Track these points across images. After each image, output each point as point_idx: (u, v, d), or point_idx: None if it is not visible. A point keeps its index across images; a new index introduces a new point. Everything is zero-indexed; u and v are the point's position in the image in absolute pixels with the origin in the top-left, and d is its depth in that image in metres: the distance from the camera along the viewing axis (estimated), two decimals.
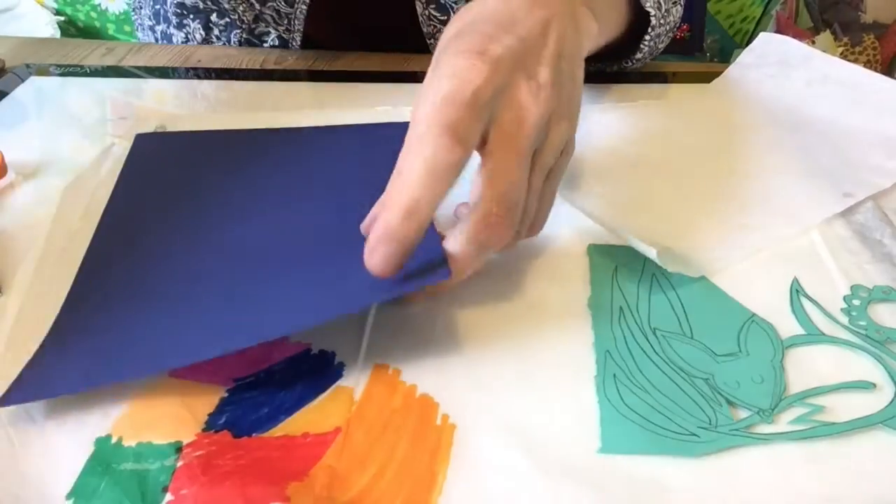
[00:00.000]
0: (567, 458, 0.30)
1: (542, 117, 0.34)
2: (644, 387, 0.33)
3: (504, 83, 0.33)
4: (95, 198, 0.44)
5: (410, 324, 0.36)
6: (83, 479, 0.28)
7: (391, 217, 0.30)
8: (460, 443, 0.30)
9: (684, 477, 0.29)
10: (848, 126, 0.53)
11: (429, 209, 0.31)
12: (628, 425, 0.31)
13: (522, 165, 0.33)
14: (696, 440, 0.30)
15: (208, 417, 0.31)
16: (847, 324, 0.36)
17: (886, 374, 0.34)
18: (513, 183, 0.33)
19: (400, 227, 0.30)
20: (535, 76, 0.35)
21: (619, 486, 0.29)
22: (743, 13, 0.98)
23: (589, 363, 0.34)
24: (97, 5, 0.78)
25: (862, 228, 0.43)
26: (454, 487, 0.28)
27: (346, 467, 0.29)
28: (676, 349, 0.35)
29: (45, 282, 0.37)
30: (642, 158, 0.50)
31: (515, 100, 0.34)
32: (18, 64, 0.58)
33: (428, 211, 0.31)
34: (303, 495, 0.27)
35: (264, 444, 0.30)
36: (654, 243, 0.40)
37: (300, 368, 0.33)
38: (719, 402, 0.32)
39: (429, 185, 0.30)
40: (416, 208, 0.30)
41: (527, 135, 0.33)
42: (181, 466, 0.28)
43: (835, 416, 0.32)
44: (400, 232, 0.30)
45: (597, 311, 0.37)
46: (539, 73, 0.35)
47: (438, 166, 0.30)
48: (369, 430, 0.31)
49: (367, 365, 0.34)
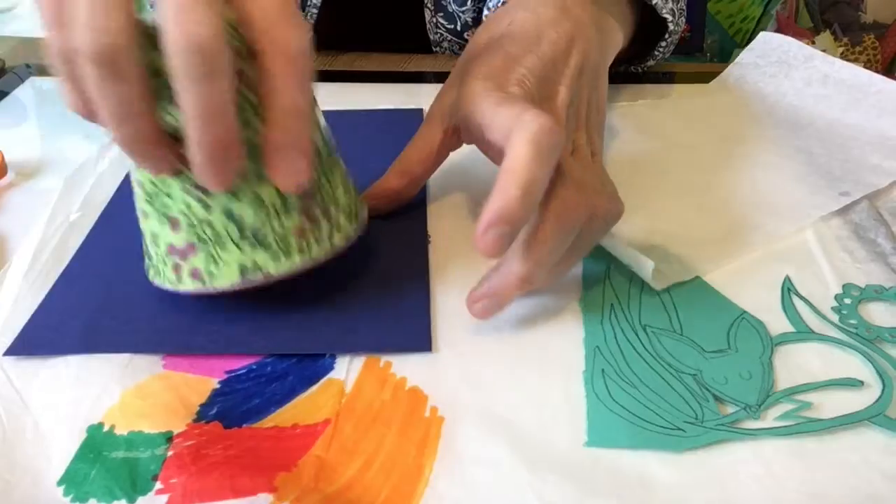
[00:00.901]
0: (553, 453, 0.30)
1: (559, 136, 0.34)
2: (632, 382, 0.33)
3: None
4: (94, 190, 0.44)
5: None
6: (74, 465, 0.29)
7: (508, 198, 0.30)
8: (448, 436, 0.30)
9: (669, 471, 0.29)
10: (847, 126, 0.53)
11: (540, 190, 0.31)
12: (615, 419, 0.31)
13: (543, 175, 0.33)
14: (681, 435, 0.30)
15: (199, 408, 0.31)
16: (837, 322, 0.37)
17: (874, 372, 0.34)
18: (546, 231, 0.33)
19: (517, 211, 0.30)
20: (554, 97, 0.36)
21: (603, 480, 0.29)
22: (743, 13, 0.98)
23: (578, 359, 0.34)
24: None
25: (856, 228, 0.43)
26: (440, 480, 0.29)
27: (334, 458, 0.30)
28: (666, 345, 0.35)
29: (42, 264, 0.38)
30: (640, 157, 0.50)
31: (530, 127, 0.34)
32: (18, 64, 0.59)
33: (539, 191, 0.31)
34: (290, 486, 0.28)
35: (254, 434, 0.30)
36: (651, 244, 0.41)
37: (292, 361, 0.34)
38: (706, 397, 0.32)
39: (542, 166, 0.31)
40: (530, 190, 0.30)
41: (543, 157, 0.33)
42: (171, 456, 0.29)
43: (822, 412, 0.32)
44: (517, 215, 0.30)
45: (588, 307, 0.37)
46: (558, 93, 0.37)
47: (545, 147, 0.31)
48: (358, 421, 0.31)
49: (358, 358, 0.34)
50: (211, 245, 0.33)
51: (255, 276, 0.33)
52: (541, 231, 0.33)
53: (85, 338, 0.34)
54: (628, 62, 0.59)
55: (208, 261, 0.33)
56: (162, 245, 0.34)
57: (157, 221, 0.34)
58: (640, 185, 0.47)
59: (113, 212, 0.42)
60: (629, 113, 0.55)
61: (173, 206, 0.33)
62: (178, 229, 0.33)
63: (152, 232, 0.34)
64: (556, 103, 0.36)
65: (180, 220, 0.33)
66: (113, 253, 0.39)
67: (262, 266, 0.33)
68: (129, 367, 0.33)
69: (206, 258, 0.33)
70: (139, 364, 0.33)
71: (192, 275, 0.34)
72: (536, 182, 0.31)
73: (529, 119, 0.31)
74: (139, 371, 0.33)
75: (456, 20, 0.61)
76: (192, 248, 0.33)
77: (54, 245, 0.39)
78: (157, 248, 0.34)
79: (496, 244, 0.31)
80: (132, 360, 0.33)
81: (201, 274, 0.33)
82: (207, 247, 0.33)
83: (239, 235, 0.33)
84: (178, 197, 0.32)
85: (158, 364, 0.33)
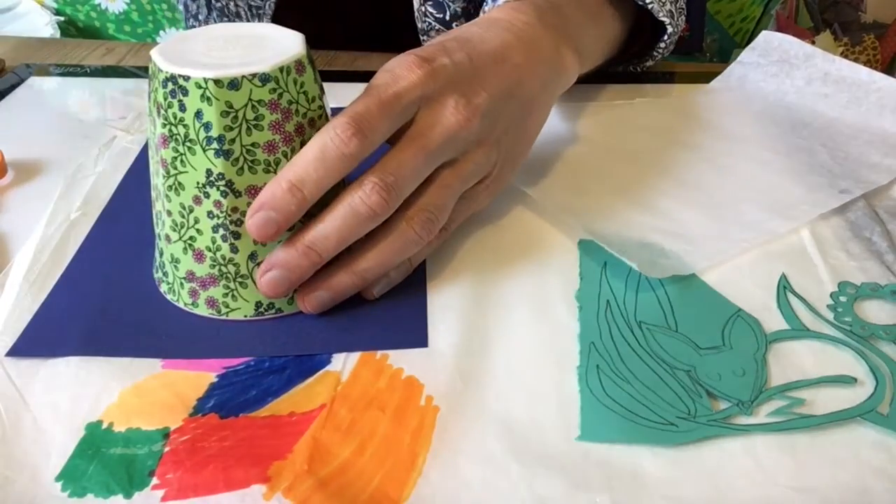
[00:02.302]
0: (545, 446, 0.30)
1: (460, 131, 0.35)
2: (626, 377, 0.33)
3: (433, 93, 0.35)
4: (95, 188, 0.45)
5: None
6: (73, 461, 0.29)
7: (276, 187, 0.32)
8: (442, 426, 0.31)
9: (661, 465, 0.29)
10: (847, 124, 0.53)
11: (313, 190, 0.32)
12: (608, 414, 0.31)
13: (419, 159, 0.34)
14: (674, 430, 0.31)
15: (197, 402, 0.31)
16: (832, 319, 0.37)
17: (868, 369, 0.34)
18: (401, 164, 0.34)
19: (281, 198, 0.32)
20: (470, 96, 0.36)
21: (595, 474, 0.29)
22: (743, 13, 0.98)
23: (573, 354, 0.34)
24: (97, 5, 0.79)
25: (852, 226, 0.44)
26: (433, 469, 0.29)
27: (328, 439, 0.30)
28: (660, 342, 0.35)
29: (42, 264, 0.38)
30: (639, 156, 0.50)
31: (439, 110, 0.35)
32: (18, 64, 0.59)
33: (312, 191, 0.32)
34: (284, 474, 0.28)
35: (250, 423, 0.31)
36: (647, 241, 0.41)
37: (289, 356, 0.34)
38: (699, 393, 0.32)
39: (317, 169, 0.32)
40: (300, 186, 0.32)
41: (435, 137, 0.34)
42: (168, 452, 0.29)
43: (814, 409, 0.32)
44: (281, 203, 0.32)
45: (584, 303, 0.37)
46: (476, 95, 0.36)
47: (330, 153, 0.32)
48: (354, 405, 0.31)
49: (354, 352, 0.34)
50: (231, 281, 0.35)
51: (269, 312, 0.36)
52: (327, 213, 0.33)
53: (85, 341, 0.34)
54: (627, 62, 0.59)
55: (226, 294, 0.35)
56: (182, 270, 0.35)
57: (181, 249, 0.35)
58: (639, 183, 0.47)
59: (113, 211, 0.43)
60: (628, 111, 0.55)
61: (200, 242, 0.34)
62: (202, 262, 0.35)
63: (173, 255, 0.35)
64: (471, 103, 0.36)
65: (206, 255, 0.34)
66: (113, 252, 0.39)
67: (276, 305, 0.36)
68: (129, 367, 0.33)
69: (225, 292, 0.35)
70: (138, 364, 0.33)
71: (208, 303, 0.35)
72: (307, 183, 0.32)
73: (338, 121, 0.32)
74: (138, 371, 0.33)
75: (445, 9, 0.61)
76: (213, 280, 0.35)
77: (54, 245, 0.40)
78: (176, 272, 0.35)
79: (262, 226, 0.32)
80: (132, 360, 0.33)
81: (218, 304, 0.35)
82: (228, 282, 0.35)
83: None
84: (207, 235, 0.34)
85: (157, 364, 0.33)
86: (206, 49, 0.33)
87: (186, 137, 0.32)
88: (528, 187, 0.45)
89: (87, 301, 0.36)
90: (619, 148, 0.51)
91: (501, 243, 0.41)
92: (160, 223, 0.36)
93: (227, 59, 0.32)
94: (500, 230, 0.42)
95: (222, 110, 0.31)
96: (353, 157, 0.32)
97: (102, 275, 0.38)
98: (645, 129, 0.53)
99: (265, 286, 0.34)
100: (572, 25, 0.46)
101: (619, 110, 0.55)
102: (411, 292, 0.37)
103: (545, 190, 0.45)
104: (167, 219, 0.35)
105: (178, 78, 0.32)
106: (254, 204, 0.33)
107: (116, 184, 0.45)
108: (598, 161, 0.49)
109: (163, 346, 0.34)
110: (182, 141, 0.32)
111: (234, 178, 0.33)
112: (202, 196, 0.33)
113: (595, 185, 0.46)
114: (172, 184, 0.33)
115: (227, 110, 0.32)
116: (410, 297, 0.37)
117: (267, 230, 0.32)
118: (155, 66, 0.33)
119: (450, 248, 0.40)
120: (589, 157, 0.49)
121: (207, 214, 0.33)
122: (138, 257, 0.39)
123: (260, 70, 0.32)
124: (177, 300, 0.36)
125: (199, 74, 0.31)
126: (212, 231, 0.34)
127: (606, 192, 0.46)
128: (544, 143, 0.50)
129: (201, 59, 0.32)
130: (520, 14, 0.42)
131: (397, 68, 0.35)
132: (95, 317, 0.35)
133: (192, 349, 0.34)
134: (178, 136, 0.32)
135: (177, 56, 0.33)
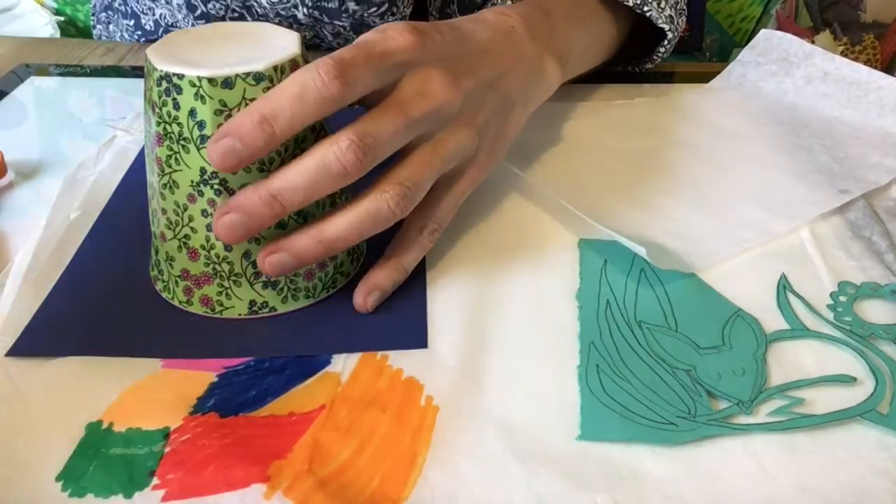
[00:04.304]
0: (545, 446, 0.30)
1: (443, 105, 0.35)
2: (626, 377, 0.33)
3: (420, 61, 0.34)
4: (95, 188, 0.45)
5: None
6: (73, 461, 0.29)
7: (246, 118, 0.30)
8: (442, 426, 0.31)
9: (661, 465, 0.29)
10: (847, 123, 0.53)
11: (285, 128, 0.31)
12: (608, 413, 0.31)
13: (400, 124, 0.33)
14: (674, 429, 0.31)
15: (197, 401, 0.32)
16: (832, 319, 0.37)
17: (868, 369, 0.34)
18: (381, 127, 0.32)
19: (249, 130, 0.30)
20: (456, 74, 0.36)
21: (595, 474, 0.29)
22: (742, 13, 0.98)
23: (573, 354, 0.34)
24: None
25: (852, 226, 0.44)
26: (433, 469, 0.29)
27: (328, 438, 0.30)
28: (660, 341, 0.35)
29: (42, 264, 0.38)
30: (638, 155, 0.50)
31: (424, 79, 0.34)
32: (18, 64, 0.59)
33: (283, 129, 0.31)
34: (283, 474, 0.28)
35: (250, 422, 0.31)
36: (647, 239, 0.41)
37: (289, 357, 0.34)
38: (699, 392, 0.32)
39: (293, 106, 0.30)
40: (272, 120, 0.30)
41: (418, 105, 0.34)
42: (168, 452, 0.29)
43: (814, 408, 0.32)
44: (248, 135, 0.30)
45: (584, 303, 0.37)
46: (462, 75, 0.36)
47: (309, 93, 0.31)
48: (354, 405, 0.31)
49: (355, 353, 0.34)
50: (226, 279, 0.35)
51: (263, 311, 0.36)
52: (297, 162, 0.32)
53: (85, 341, 0.34)
54: (627, 63, 0.59)
55: (220, 293, 0.35)
56: (176, 268, 0.35)
57: (175, 247, 0.35)
58: (639, 182, 0.47)
59: (112, 211, 0.43)
60: (628, 111, 0.55)
61: (195, 240, 0.34)
62: (197, 260, 0.34)
63: (168, 253, 0.35)
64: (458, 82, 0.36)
65: (200, 252, 0.34)
66: (113, 252, 0.39)
67: (270, 304, 0.36)
68: (129, 367, 0.33)
69: (219, 290, 0.35)
70: (138, 364, 0.33)
71: (202, 301, 0.35)
72: (280, 119, 0.30)
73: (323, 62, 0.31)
74: (138, 370, 0.33)
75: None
76: (207, 278, 0.35)
77: (54, 245, 0.40)
78: (171, 270, 0.35)
79: (223, 154, 0.30)
80: (132, 360, 0.33)
81: (212, 303, 0.35)
82: (222, 281, 0.35)
83: (253, 276, 0.35)
84: (201, 233, 0.34)
85: (157, 364, 0.33)
86: (201, 47, 0.33)
87: (181, 136, 0.32)
88: (528, 187, 0.45)
89: (87, 301, 0.36)
90: (619, 148, 0.51)
91: (501, 243, 0.41)
92: (155, 221, 0.36)
93: (221, 57, 0.32)
94: (499, 230, 0.43)
95: (216, 109, 0.32)
96: (331, 100, 0.31)
97: (102, 275, 0.38)
98: (645, 129, 0.53)
99: (220, 229, 0.32)
100: (560, 33, 0.46)
101: (619, 110, 0.55)
102: (411, 293, 0.37)
103: (545, 190, 0.45)
104: (162, 217, 0.35)
105: (173, 76, 0.32)
106: (219, 131, 0.31)
107: (116, 183, 0.45)
108: (598, 161, 0.49)
109: (163, 345, 0.34)
110: (176, 139, 0.32)
111: (228, 177, 0.33)
112: (196, 194, 0.33)
113: (595, 185, 0.47)
114: (167, 182, 0.34)
115: (221, 109, 0.32)
116: (410, 298, 0.37)
117: (228, 160, 0.30)
118: (150, 64, 0.33)
119: (450, 249, 0.40)
120: (589, 157, 0.50)
121: (201, 213, 0.33)
122: (138, 257, 0.39)
123: (254, 69, 0.32)
124: (171, 298, 0.36)
125: (193, 73, 0.31)
126: (206, 229, 0.34)
127: (606, 192, 0.46)
128: (545, 142, 0.50)
129: (196, 57, 0.32)
130: (507, 18, 0.43)
131: (389, 30, 0.34)
132: (95, 317, 0.35)
133: (192, 349, 0.34)
134: (173, 134, 0.32)
135: (171, 54, 0.33)
